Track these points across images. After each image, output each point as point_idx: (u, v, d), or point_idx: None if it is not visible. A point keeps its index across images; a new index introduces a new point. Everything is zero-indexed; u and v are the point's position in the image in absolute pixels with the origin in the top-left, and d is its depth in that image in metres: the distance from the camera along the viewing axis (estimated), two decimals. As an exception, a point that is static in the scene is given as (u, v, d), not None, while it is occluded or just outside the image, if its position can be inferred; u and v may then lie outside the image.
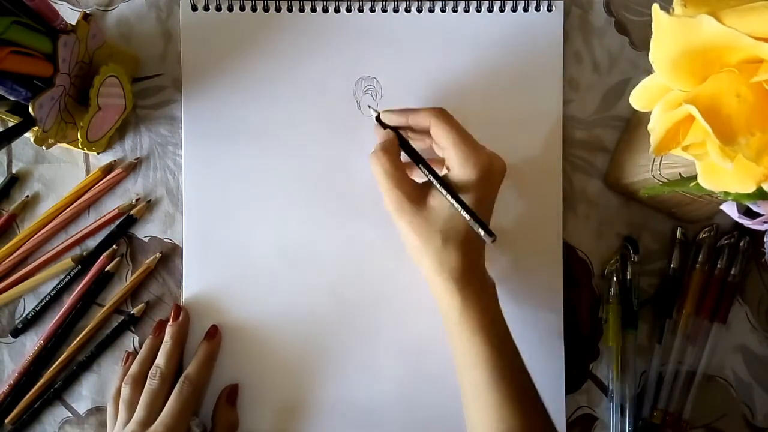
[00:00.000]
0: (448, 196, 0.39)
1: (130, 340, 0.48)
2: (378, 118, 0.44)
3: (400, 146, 0.43)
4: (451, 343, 0.42)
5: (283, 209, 0.48)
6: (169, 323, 0.47)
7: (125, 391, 0.44)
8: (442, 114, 0.42)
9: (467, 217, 0.39)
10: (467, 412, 0.41)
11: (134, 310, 0.48)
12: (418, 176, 0.43)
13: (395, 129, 0.43)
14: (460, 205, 0.39)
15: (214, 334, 0.47)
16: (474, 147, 0.41)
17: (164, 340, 0.46)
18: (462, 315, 0.40)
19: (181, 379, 0.44)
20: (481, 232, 0.39)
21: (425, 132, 0.43)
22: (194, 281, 0.48)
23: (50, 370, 0.47)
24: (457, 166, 0.40)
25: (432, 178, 0.41)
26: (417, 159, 0.42)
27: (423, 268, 0.41)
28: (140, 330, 0.49)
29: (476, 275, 0.41)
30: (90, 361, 0.48)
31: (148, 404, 0.43)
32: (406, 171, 0.42)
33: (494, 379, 0.39)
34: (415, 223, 0.40)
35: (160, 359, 0.45)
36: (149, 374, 0.45)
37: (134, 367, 0.46)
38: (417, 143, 0.44)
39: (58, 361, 0.47)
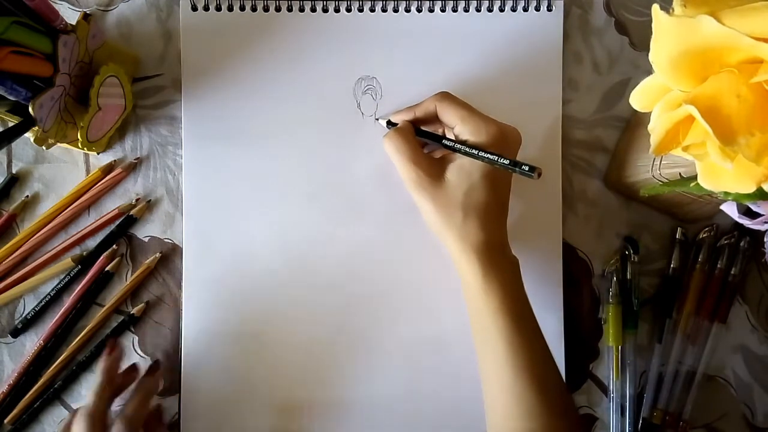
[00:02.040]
0: (479, 153, 0.39)
1: (130, 341, 0.48)
2: (389, 122, 0.45)
3: (415, 134, 0.43)
4: (471, 316, 0.42)
5: (283, 209, 0.48)
6: (102, 357, 0.44)
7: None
8: (445, 95, 0.42)
9: (504, 162, 0.39)
10: (485, 387, 0.41)
11: (134, 310, 0.48)
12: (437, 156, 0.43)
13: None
14: (492, 155, 0.39)
15: (155, 370, 0.45)
16: (484, 119, 0.41)
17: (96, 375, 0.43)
18: (483, 289, 0.40)
19: (118, 418, 0.41)
20: (525, 168, 0.39)
21: (434, 121, 0.43)
22: (194, 281, 0.48)
23: (50, 370, 0.47)
24: (473, 139, 0.40)
25: (456, 146, 0.41)
26: (435, 138, 0.43)
27: (445, 243, 0.42)
28: (140, 330, 0.49)
29: (498, 249, 0.41)
30: (90, 360, 0.48)
31: None
32: (421, 148, 0.42)
33: (513, 354, 0.39)
34: (435, 197, 0.41)
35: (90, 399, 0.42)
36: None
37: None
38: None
39: (58, 361, 0.47)
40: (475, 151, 0.40)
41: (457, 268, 0.42)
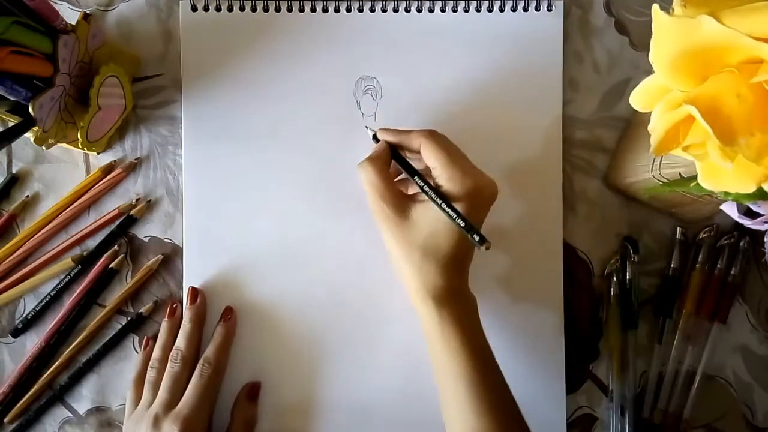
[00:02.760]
0: (442, 203, 0.39)
1: (130, 340, 0.48)
2: (375, 137, 0.44)
3: (393, 158, 0.43)
4: (431, 358, 0.42)
5: (283, 209, 0.48)
6: (187, 306, 0.47)
7: (151, 374, 0.45)
8: (431, 135, 0.41)
9: (461, 223, 0.38)
10: (447, 424, 0.41)
11: (143, 309, 0.48)
12: (411, 191, 0.43)
13: (389, 144, 0.43)
14: (453, 211, 0.38)
15: (230, 315, 0.47)
16: (463, 169, 0.40)
17: (183, 323, 0.47)
18: (442, 332, 0.39)
19: (201, 361, 0.45)
20: (476, 237, 0.38)
21: (418, 152, 0.42)
22: (194, 281, 0.48)
23: (51, 370, 0.47)
24: (446, 187, 0.40)
25: (424, 188, 0.40)
26: (409, 170, 0.42)
27: (403, 281, 0.41)
28: (141, 331, 0.49)
29: (456, 292, 0.41)
30: (95, 360, 0.48)
31: (170, 387, 0.44)
32: (392, 182, 0.42)
33: (474, 395, 0.39)
34: (397, 234, 0.40)
35: (180, 342, 0.46)
36: (170, 357, 0.45)
37: (157, 352, 0.46)
38: (412, 163, 0.43)
39: (59, 361, 0.47)
40: (438, 201, 0.39)
41: (416, 309, 0.42)
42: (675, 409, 0.48)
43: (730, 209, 0.34)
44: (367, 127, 0.46)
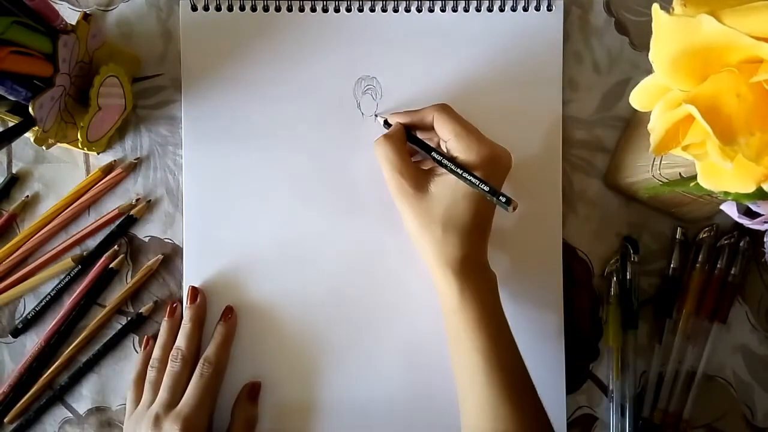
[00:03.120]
0: (462, 173, 0.39)
1: (130, 340, 0.48)
2: (386, 122, 0.45)
3: (407, 139, 0.43)
4: (447, 331, 0.42)
5: (283, 209, 0.48)
6: (187, 306, 0.47)
7: (152, 374, 0.45)
8: (444, 108, 0.42)
9: (484, 188, 0.39)
10: (461, 398, 0.41)
11: (143, 309, 0.48)
12: (427, 167, 0.43)
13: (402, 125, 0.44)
14: (474, 178, 0.39)
15: (230, 314, 0.47)
16: (478, 138, 0.41)
17: (183, 322, 0.47)
18: (459, 305, 0.40)
19: (201, 361, 0.45)
20: (502, 199, 0.38)
21: (430, 130, 0.43)
22: (194, 281, 0.48)
23: (51, 370, 0.47)
24: (463, 157, 0.40)
25: (443, 161, 0.41)
26: (425, 147, 0.42)
27: (422, 255, 0.42)
28: (141, 331, 0.49)
29: (476, 266, 0.41)
30: (95, 360, 0.48)
31: (170, 386, 0.44)
32: (409, 157, 0.42)
33: (488, 369, 0.39)
34: (417, 209, 0.40)
35: (181, 342, 0.46)
36: (170, 357, 0.45)
37: (157, 351, 0.46)
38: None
39: (59, 361, 0.47)
40: (459, 171, 0.40)
41: (434, 282, 0.42)
42: (675, 409, 0.48)
43: (730, 209, 0.34)
44: (376, 115, 0.46)
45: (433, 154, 0.41)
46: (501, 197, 0.39)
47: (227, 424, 0.46)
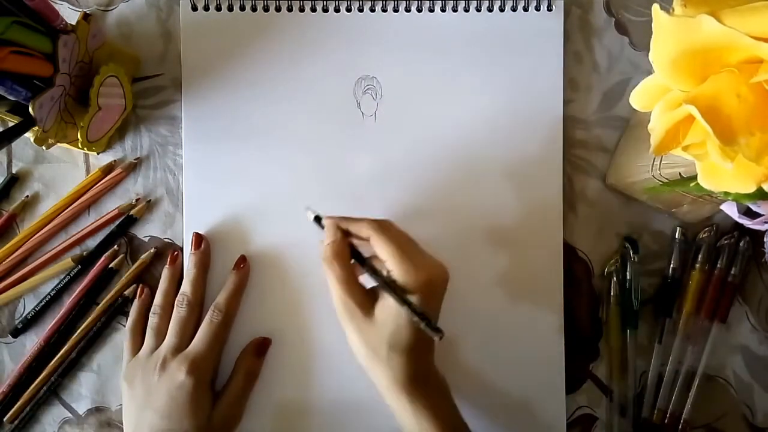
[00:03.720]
0: (395, 296, 0.38)
1: (122, 336, 0.48)
2: (316, 219, 0.43)
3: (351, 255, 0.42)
4: None
5: (282, 209, 0.48)
6: (191, 252, 0.47)
7: (153, 320, 0.45)
8: (381, 227, 0.40)
9: (414, 317, 0.38)
10: None
11: (127, 291, 0.48)
12: (364, 279, 0.42)
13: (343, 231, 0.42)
14: (406, 304, 0.38)
15: (242, 264, 0.47)
16: (413, 261, 0.39)
17: (187, 269, 0.47)
18: (417, 424, 0.39)
19: (212, 308, 0.45)
20: (429, 330, 0.38)
21: (368, 241, 0.41)
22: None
23: (50, 370, 0.47)
24: (400, 281, 0.39)
25: (377, 281, 0.40)
26: (362, 261, 0.41)
27: (371, 375, 0.41)
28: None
29: (425, 381, 0.41)
30: (84, 350, 0.48)
31: (177, 331, 0.44)
32: (356, 278, 0.41)
33: None
34: (363, 333, 0.40)
35: (186, 287, 0.46)
36: (176, 302, 0.45)
37: (159, 298, 0.46)
38: (363, 248, 0.42)
39: (56, 359, 0.47)
40: (392, 293, 0.39)
41: (388, 404, 0.41)
42: (675, 409, 0.48)
43: (730, 209, 0.34)
44: (308, 208, 0.43)
45: (372, 275, 0.40)
46: (429, 326, 0.38)
47: (227, 379, 0.46)
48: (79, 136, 0.44)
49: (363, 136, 0.48)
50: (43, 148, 0.41)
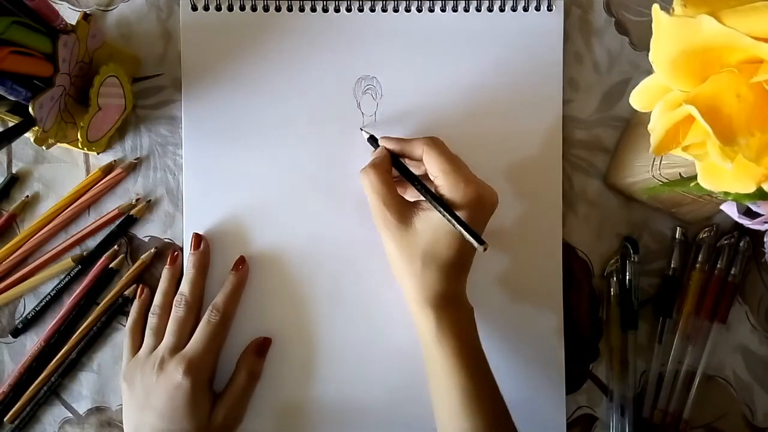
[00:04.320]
0: (440, 208, 0.39)
1: (122, 336, 0.48)
2: (371, 139, 0.44)
3: (393, 165, 0.43)
4: (426, 364, 0.42)
5: (282, 208, 0.48)
6: (190, 252, 0.47)
7: (153, 320, 0.46)
8: (434, 143, 0.41)
9: (459, 228, 0.38)
10: (439, 429, 0.41)
11: (127, 291, 0.48)
12: (411, 196, 0.43)
13: (389, 150, 0.43)
14: (452, 216, 0.39)
15: (241, 265, 0.47)
16: (465, 177, 0.40)
17: (186, 269, 0.47)
18: (437, 341, 0.40)
19: (210, 308, 0.45)
20: (474, 242, 0.38)
21: (419, 161, 0.42)
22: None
23: (51, 370, 0.47)
24: (448, 195, 0.40)
25: (424, 193, 0.40)
26: (410, 176, 0.42)
27: (402, 288, 0.42)
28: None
29: (453, 301, 0.41)
30: (84, 350, 0.48)
31: (175, 331, 0.44)
32: (395, 188, 0.42)
33: (467, 405, 0.39)
34: (399, 241, 0.40)
35: (185, 288, 0.46)
36: (174, 302, 0.46)
37: (158, 298, 0.46)
38: (412, 170, 0.43)
39: (56, 359, 0.47)
40: (440, 207, 0.39)
41: (413, 317, 0.42)
42: (675, 409, 0.48)
43: (730, 209, 0.34)
44: (362, 129, 0.46)
45: (418, 186, 0.41)
46: (475, 239, 0.38)
47: (227, 380, 0.46)
48: (79, 136, 0.44)
49: (363, 135, 0.48)
50: (43, 148, 0.41)
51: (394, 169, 0.43)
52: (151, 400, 0.43)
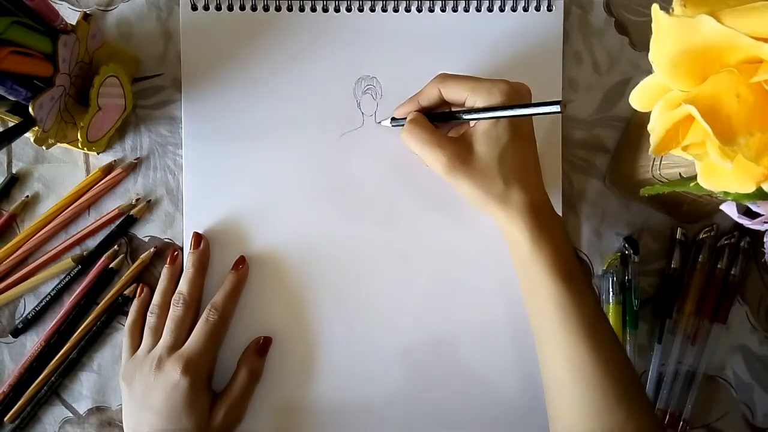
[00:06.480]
0: (498, 113, 0.39)
1: (122, 335, 0.48)
2: (392, 120, 0.46)
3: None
4: (521, 280, 0.42)
5: (282, 209, 0.48)
6: (189, 251, 0.47)
7: (151, 319, 0.46)
8: (443, 76, 0.42)
9: (529, 111, 0.38)
10: (539, 349, 0.42)
11: (127, 291, 0.48)
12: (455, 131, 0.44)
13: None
14: (512, 108, 0.38)
15: (241, 264, 0.47)
16: (491, 81, 0.41)
17: (185, 268, 0.47)
18: (533, 252, 0.39)
19: (208, 307, 0.45)
20: (551, 108, 0.37)
21: (439, 105, 0.43)
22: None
23: (51, 370, 0.47)
24: (488, 102, 0.40)
25: (477, 114, 0.40)
26: (452, 116, 0.42)
27: (491, 215, 0.42)
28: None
29: (543, 209, 0.41)
30: (84, 350, 0.48)
31: (173, 330, 0.44)
32: (442, 131, 0.42)
33: (565, 316, 0.39)
34: (472, 174, 0.40)
35: (183, 287, 0.46)
36: (172, 301, 0.46)
37: (157, 297, 0.46)
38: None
39: (56, 359, 0.47)
40: (497, 112, 0.39)
41: (505, 238, 0.42)
42: (675, 409, 0.48)
43: (730, 209, 0.34)
44: (379, 122, 0.47)
45: (465, 115, 0.41)
46: (547, 105, 0.37)
47: (228, 380, 0.46)
48: (79, 136, 0.44)
49: (363, 136, 0.48)
50: (43, 148, 0.41)
51: None
52: (150, 399, 0.43)
